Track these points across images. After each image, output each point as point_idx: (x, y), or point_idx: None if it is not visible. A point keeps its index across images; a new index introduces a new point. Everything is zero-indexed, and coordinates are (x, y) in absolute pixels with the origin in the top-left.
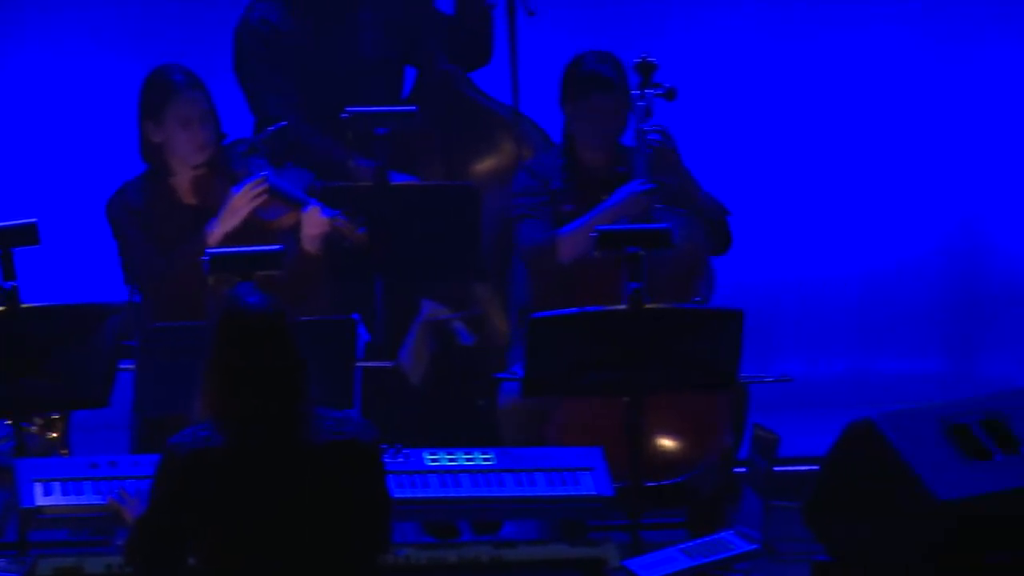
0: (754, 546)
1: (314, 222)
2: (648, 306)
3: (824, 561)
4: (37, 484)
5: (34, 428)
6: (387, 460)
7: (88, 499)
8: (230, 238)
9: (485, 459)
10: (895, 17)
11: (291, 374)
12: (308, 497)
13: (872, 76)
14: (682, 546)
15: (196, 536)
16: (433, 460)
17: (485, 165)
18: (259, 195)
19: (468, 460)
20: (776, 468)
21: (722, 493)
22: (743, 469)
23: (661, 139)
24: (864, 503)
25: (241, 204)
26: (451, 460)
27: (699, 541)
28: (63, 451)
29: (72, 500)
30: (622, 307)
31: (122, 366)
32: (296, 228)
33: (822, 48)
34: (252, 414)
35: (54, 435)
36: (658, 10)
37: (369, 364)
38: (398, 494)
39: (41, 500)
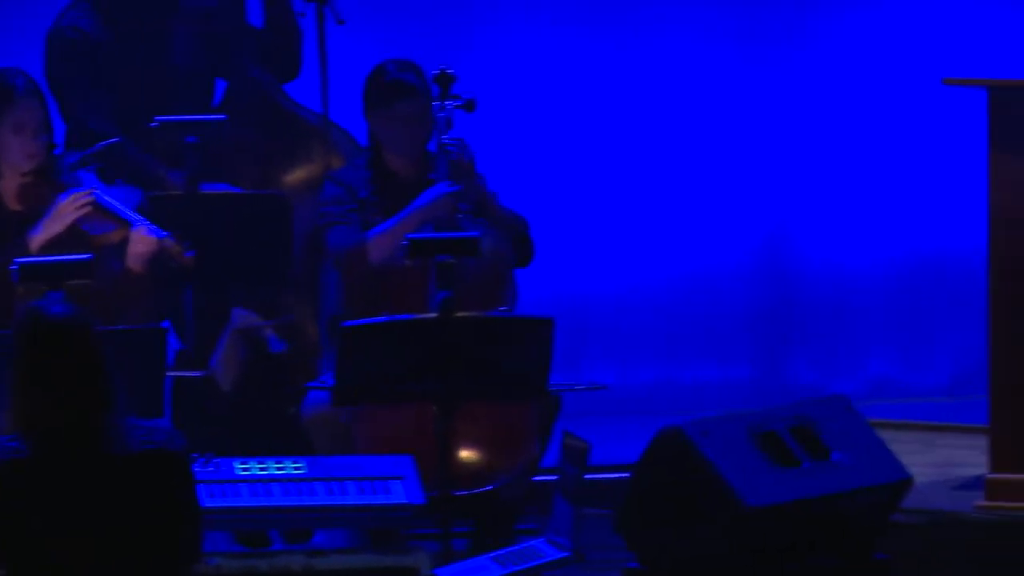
0: (565, 554)
1: (141, 241)
2: (458, 315)
3: (635, 568)
4: None
5: None
6: (197, 469)
7: None
8: (54, 250)
9: (296, 468)
10: (706, 23)
11: (97, 384)
12: (117, 507)
13: (682, 84)
14: (493, 554)
15: (4, 548)
16: (244, 469)
17: (297, 173)
18: (84, 205)
19: (279, 469)
20: (586, 476)
21: (520, 501)
22: (554, 477)
23: (459, 150)
24: (674, 510)
25: (66, 211)
26: (262, 469)
27: (510, 549)
28: None
29: None
30: (432, 315)
31: None
32: (123, 245)
33: (631, 56)
34: (57, 424)
35: None
36: (466, 21)
37: (180, 373)
38: (209, 503)
39: None
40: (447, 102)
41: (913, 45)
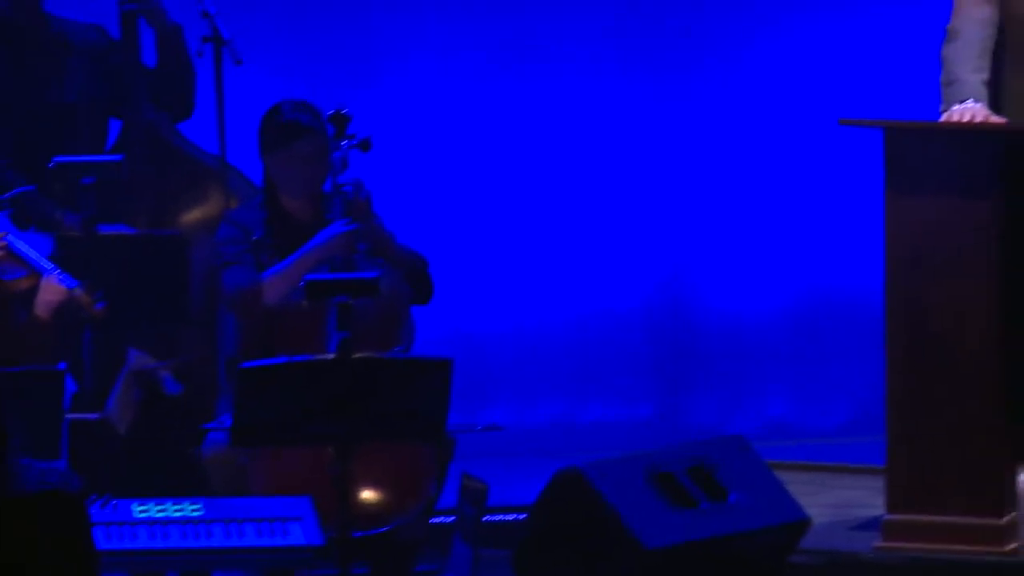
0: None
1: (52, 290)
2: (357, 356)
3: None
4: None
5: None
6: (94, 511)
7: None
8: None
9: (194, 509)
10: (605, 60)
11: None
12: (12, 550)
13: (581, 121)
14: None
15: None
16: (142, 511)
17: (193, 214)
18: None
19: (177, 511)
20: (485, 517)
21: (418, 542)
22: (452, 518)
23: (355, 190)
24: (572, 551)
25: None
26: (160, 511)
27: None
28: None
29: None
30: (331, 357)
31: None
32: (32, 292)
33: (531, 93)
34: None
35: None
36: (365, 60)
37: (76, 416)
38: (106, 546)
39: None
40: (343, 142)
41: (811, 85)
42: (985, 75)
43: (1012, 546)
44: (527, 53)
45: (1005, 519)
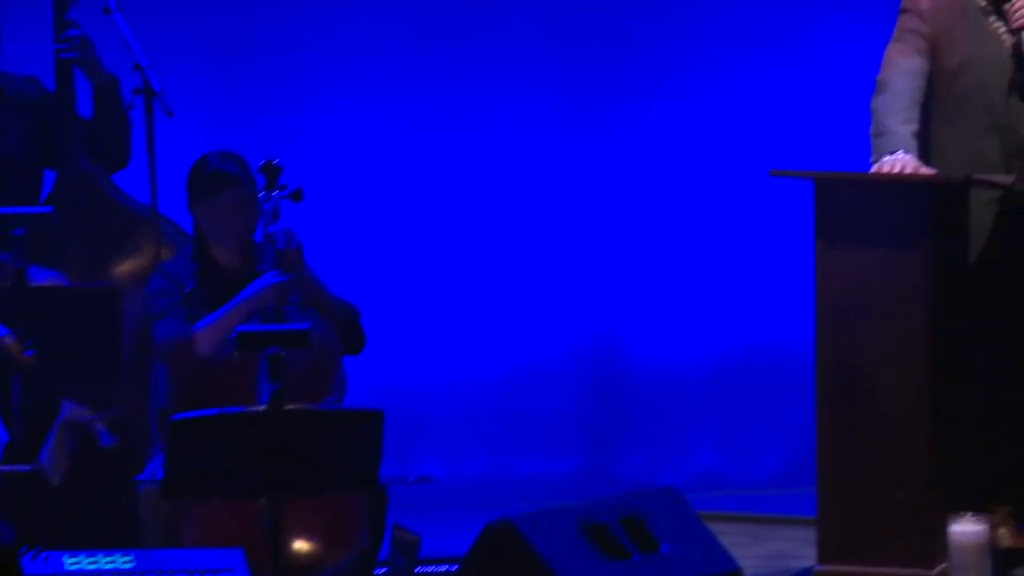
0: None
1: None
2: (288, 407)
3: None
4: None
5: None
6: (26, 564)
7: None
8: None
9: (125, 562)
10: (528, 112)
11: None
12: None
13: (507, 174)
14: None
15: None
16: (73, 563)
17: (125, 265)
18: None
19: (108, 563)
20: (416, 568)
21: None
22: (384, 569)
23: (286, 240)
24: None
25: None
26: (91, 563)
27: None
28: None
29: None
30: (262, 408)
31: None
32: None
33: (456, 145)
34: None
35: None
36: (298, 111)
37: (7, 468)
38: None
39: None
40: (274, 192)
41: (742, 136)
42: (914, 126)
43: None
44: (459, 105)
45: (936, 570)
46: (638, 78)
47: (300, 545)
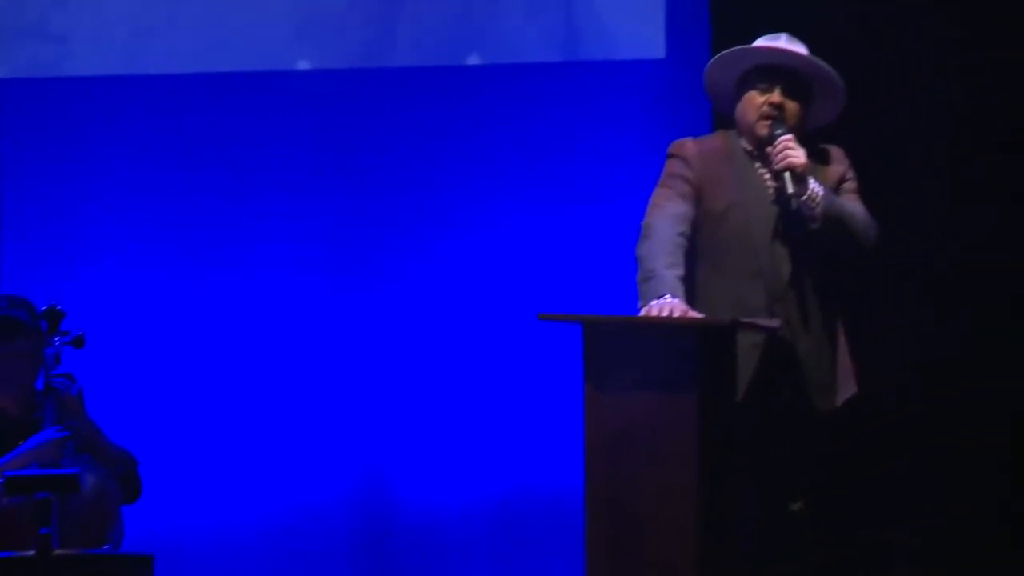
0: None
1: None
2: (57, 552)
3: None
4: None
5: None
6: None
7: None
8: None
9: None
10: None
11: None
12: None
13: (273, 317)
14: None
15: None
16: None
17: None
18: None
19: None
20: None
21: None
22: None
23: (66, 386)
24: None
25: None
26: None
27: None
28: None
29: None
30: (30, 554)
31: None
32: None
33: (231, 294)
34: None
35: None
36: (81, 256)
37: None
38: None
39: None
40: (56, 338)
41: (510, 280)
42: (680, 271)
43: None
44: (221, 244)
45: None
46: (410, 219)
47: None
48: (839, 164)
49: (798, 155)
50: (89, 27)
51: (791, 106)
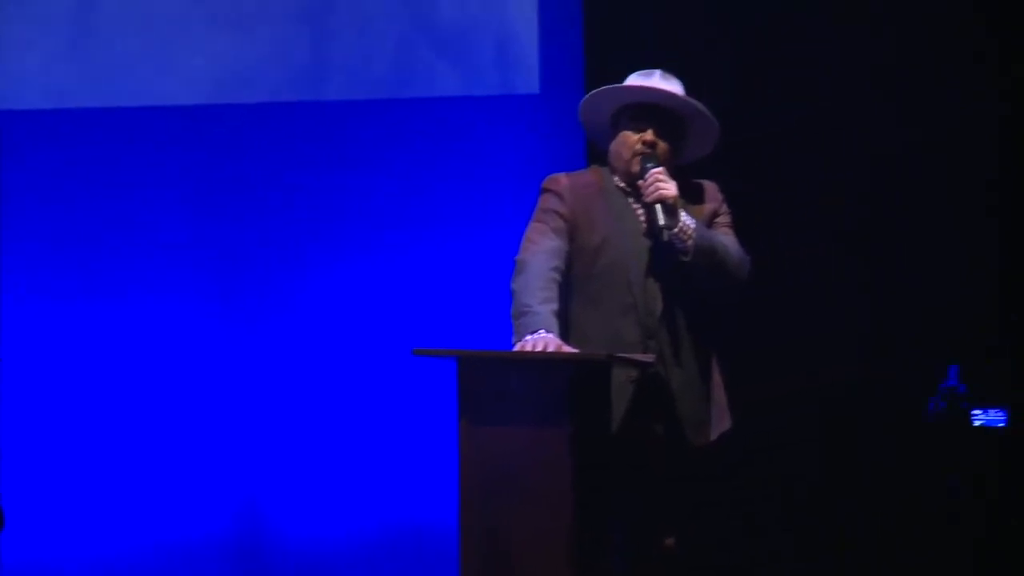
0: None
1: None
2: None
3: None
4: None
5: None
6: None
7: None
8: None
9: None
10: (177, 287)
11: None
12: None
13: (162, 352)
14: None
15: None
16: None
17: None
18: None
19: None
20: None
21: None
22: None
23: None
24: None
25: None
26: None
27: None
28: None
29: None
30: None
31: None
32: None
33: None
34: None
35: None
36: None
37: None
38: None
39: None
40: None
41: (385, 316)
42: (554, 306)
43: None
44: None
45: None
46: (289, 255)
47: None
48: (712, 199)
49: (669, 187)
50: None
51: (664, 144)
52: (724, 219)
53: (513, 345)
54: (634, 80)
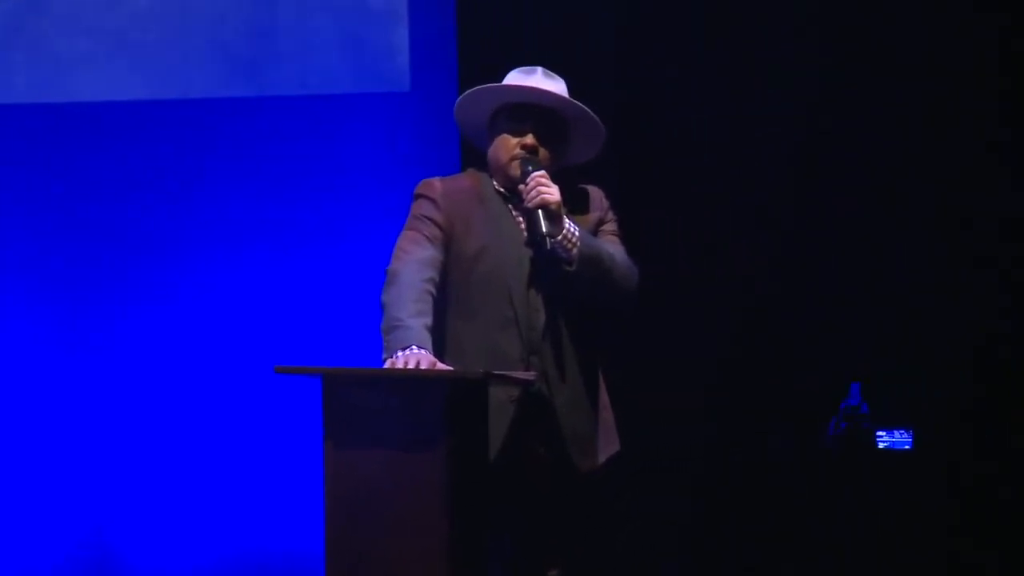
0: None
1: None
2: None
3: None
4: None
5: None
6: None
7: None
8: None
9: None
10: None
11: None
12: None
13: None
14: None
15: None
16: None
17: None
18: None
19: None
20: None
21: None
22: None
23: None
24: None
25: None
26: None
27: None
28: None
29: None
30: None
31: None
32: None
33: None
34: None
35: None
36: None
37: None
38: None
39: None
40: None
41: (247, 332)
42: (427, 319)
43: None
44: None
45: None
46: (148, 265)
47: None
48: (598, 206)
49: (551, 192)
50: None
51: (545, 148)
52: (610, 227)
53: (383, 362)
54: (514, 78)
